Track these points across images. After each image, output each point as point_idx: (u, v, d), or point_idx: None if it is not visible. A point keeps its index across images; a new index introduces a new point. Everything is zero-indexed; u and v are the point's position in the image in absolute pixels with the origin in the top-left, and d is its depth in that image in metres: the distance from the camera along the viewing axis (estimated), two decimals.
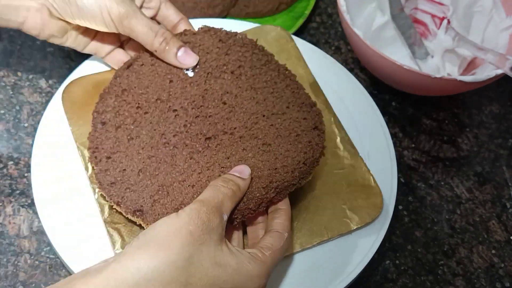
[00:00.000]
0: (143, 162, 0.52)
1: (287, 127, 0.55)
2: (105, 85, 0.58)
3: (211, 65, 0.58)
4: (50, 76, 0.69)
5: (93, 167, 0.54)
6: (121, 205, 0.50)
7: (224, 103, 0.56)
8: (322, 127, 0.56)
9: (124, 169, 0.52)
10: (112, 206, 0.51)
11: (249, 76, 0.58)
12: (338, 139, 0.61)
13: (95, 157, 0.53)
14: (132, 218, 0.50)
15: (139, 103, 0.56)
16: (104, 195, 0.51)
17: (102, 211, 0.53)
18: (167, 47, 0.56)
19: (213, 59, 0.58)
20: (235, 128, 0.54)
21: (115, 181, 0.51)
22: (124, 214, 0.50)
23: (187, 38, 0.59)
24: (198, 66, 0.58)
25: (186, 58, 0.57)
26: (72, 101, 0.60)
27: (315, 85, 0.64)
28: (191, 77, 0.57)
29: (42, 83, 0.69)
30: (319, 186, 0.58)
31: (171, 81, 0.57)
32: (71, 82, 0.61)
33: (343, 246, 0.55)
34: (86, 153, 0.55)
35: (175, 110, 0.55)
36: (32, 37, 0.72)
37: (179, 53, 0.57)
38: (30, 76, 0.69)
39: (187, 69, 0.58)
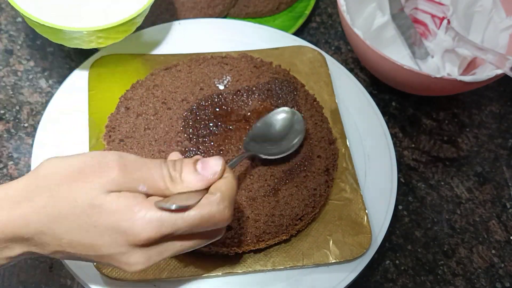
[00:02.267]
0: (152, 154, 0.54)
1: (300, 162, 0.56)
2: (132, 68, 0.62)
3: (242, 84, 0.61)
4: (50, 76, 0.69)
5: (104, 145, 0.56)
6: None
7: (246, 121, 0.58)
8: (333, 171, 0.57)
9: None
10: None
11: (275, 100, 0.60)
12: (346, 172, 0.59)
13: (109, 136, 0.56)
14: None
15: (165, 99, 0.59)
16: None
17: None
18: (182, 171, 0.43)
19: (244, 79, 0.62)
20: None
21: None
22: None
23: (226, 60, 0.63)
24: (229, 82, 0.61)
25: (209, 163, 0.43)
26: (98, 74, 0.62)
27: (336, 113, 0.63)
28: (221, 90, 0.60)
29: (42, 83, 0.69)
30: None
31: (201, 89, 0.60)
32: (103, 57, 0.63)
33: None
34: (96, 131, 0.57)
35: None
36: (32, 37, 0.72)
37: (198, 167, 0.43)
38: (30, 76, 0.69)
39: (219, 82, 0.61)
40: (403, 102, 0.73)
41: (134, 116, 0.58)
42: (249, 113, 0.59)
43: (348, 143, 0.61)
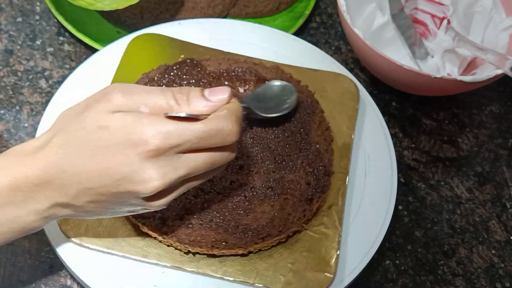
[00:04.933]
0: None
1: (287, 183, 0.55)
2: (168, 52, 0.64)
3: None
4: (50, 76, 0.69)
5: None
6: None
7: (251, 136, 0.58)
8: (316, 203, 0.55)
9: None
10: None
11: (288, 117, 0.59)
12: (334, 208, 0.56)
13: None
14: None
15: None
16: None
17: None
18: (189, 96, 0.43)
19: None
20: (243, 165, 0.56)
21: None
22: None
23: (256, 67, 0.63)
24: (250, 88, 0.61)
25: (216, 90, 0.43)
26: (134, 50, 0.64)
27: (347, 147, 0.60)
28: (239, 92, 0.61)
29: (42, 83, 0.69)
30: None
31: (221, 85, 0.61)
32: (144, 35, 0.65)
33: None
34: None
35: None
36: (32, 37, 0.72)
37: (206, 93, 0.43)
38: (30, 76, 0.69)
39: (240, 85, 0.61)
40: (403, 102, 0.73)
41: None
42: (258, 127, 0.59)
43: (347, 181, 0.58)
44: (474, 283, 0.61)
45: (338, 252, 0.53)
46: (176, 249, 0.52)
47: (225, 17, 0.76)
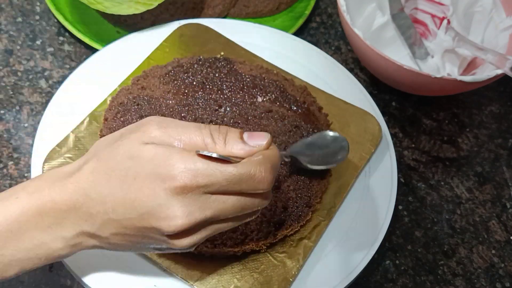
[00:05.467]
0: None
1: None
2: (210, 47, 0.66)
3: (276, 107, 0.60)
4: (50, 76, 0.69)
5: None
6: None
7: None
8: (284, 230, 0.53)
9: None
10: None
11: (292, 138, 0.58)
12: (305, 241, 0.54)
13: (137, 80, 0.61)
14: None
15: (204, 82, 0.61)
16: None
17: None
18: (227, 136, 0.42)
19: (283, 105, 0.60)
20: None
21: None
22: None
23: (284, 82, 0.62)
24: (269, 100, 0.61)
25: (256, 134, 0.42)
26: (175, 39, 0.66)
27: (345, 187, 0.58)
28: (257, 100, 0.60)
29: (42, 83, 0.69)
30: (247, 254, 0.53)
31: (241, 89, 0.62)
32: (192, 24, 0.68)
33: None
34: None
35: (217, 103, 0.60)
36: (32, 37, 0.72)
37: (245, 136, 0.42)
38: (30, 76, 0.69)
39: (260, 94, 0.61)
40: (403, 102, 0.73)
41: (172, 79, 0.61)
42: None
43: (329, 224, 0.56)
44: (474, 283, 0.61)
45: (289, 286, 0.51)
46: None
47: (225, 17, 0.76)
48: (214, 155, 0.38)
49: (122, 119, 0.57)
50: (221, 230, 0.41)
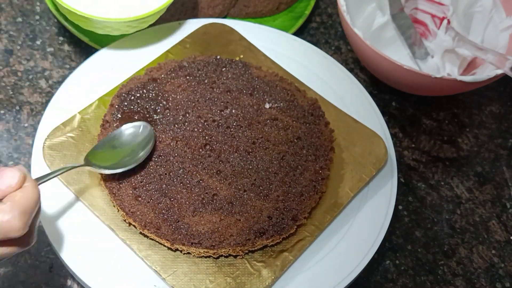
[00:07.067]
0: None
1: (251, 204, 0.53)
2: (230, 48, 0.66)
3: (283, 116, 0.60)
4: (50, 76, 0.69)
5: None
6: None
7: (253, 143, 0.58)
8: (262, 239, 0.52)
9: None
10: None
11: (292, 150, 0.58)
12: (285, 254, 0.53)
13: (151, 71, 0.62)
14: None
15: (213, 83, 0.62)
16: None
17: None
18: None
19: (290, 115, 0.60)
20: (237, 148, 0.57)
21: None
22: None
23: (297, 93, 0.62)
24: (277, 108, 0.61)
25: (6, 174, 0.41)
26: (198, 37, 0.67)
27: (337, 207, 0.56)
28: (264, 107, 0.61)
29: (42, 83, 0.69)
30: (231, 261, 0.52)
31: (250, 94, 0.62)
32: (215, 24, 0.68)
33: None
34: None
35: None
36: (32, 37, 0.72)
37: None
38: (30, 76, 0.69)
39: (269, 100, 0.61)
40: (403, 102, 0.73)
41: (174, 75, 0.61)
42: (260, 139, 0.58)
43: (315, 238, 0.55)
44: (474, 283, 0.61)
45: None
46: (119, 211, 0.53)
47: (225, 17, 0.76)
48: None
49: (127, 107, 0.58)
50: None
